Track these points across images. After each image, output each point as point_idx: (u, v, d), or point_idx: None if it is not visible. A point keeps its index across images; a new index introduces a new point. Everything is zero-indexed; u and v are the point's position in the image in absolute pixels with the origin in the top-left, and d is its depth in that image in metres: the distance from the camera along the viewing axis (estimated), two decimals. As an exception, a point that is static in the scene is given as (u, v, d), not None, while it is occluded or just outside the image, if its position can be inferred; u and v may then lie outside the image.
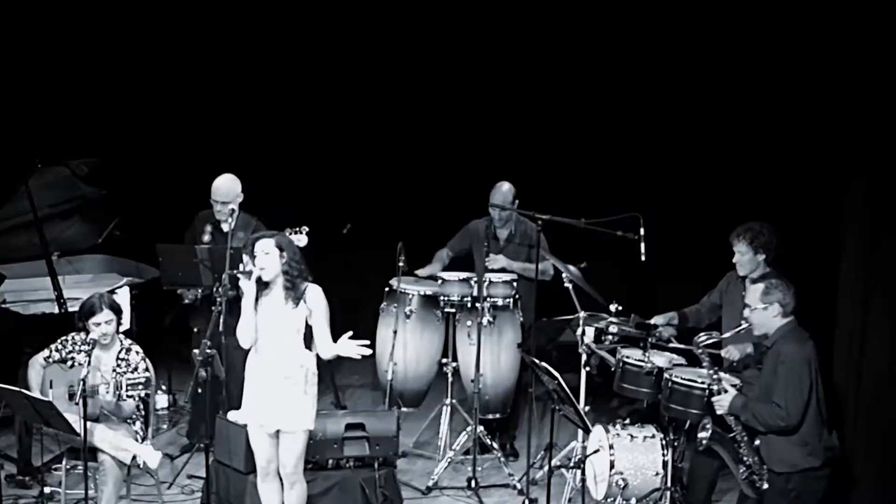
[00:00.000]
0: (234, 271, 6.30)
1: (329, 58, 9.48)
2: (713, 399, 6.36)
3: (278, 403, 6.31)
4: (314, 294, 6.34)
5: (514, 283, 7.93)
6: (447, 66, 9.26)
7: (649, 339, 7.09)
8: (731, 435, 6.32)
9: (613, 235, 7.35)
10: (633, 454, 6.93)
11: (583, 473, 7.04)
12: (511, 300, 7.94)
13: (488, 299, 7.80)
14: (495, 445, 7.91)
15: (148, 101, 9.54)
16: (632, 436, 6.98)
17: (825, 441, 6.33)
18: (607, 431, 6.98)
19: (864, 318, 6.77)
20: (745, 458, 6.30)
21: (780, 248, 6.99)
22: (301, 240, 7.02)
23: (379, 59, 9.39)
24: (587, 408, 7.34)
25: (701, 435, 6.32)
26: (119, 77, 9.49)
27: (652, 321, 7.13)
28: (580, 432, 7.36)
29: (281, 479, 6.48)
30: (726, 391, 6.36)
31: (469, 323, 7.92)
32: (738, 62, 8.33)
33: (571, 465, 7.28)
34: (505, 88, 9.29)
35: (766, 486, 6.25)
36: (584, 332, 7.34)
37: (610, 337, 7.27)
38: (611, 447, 6.91)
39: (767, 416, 6.23)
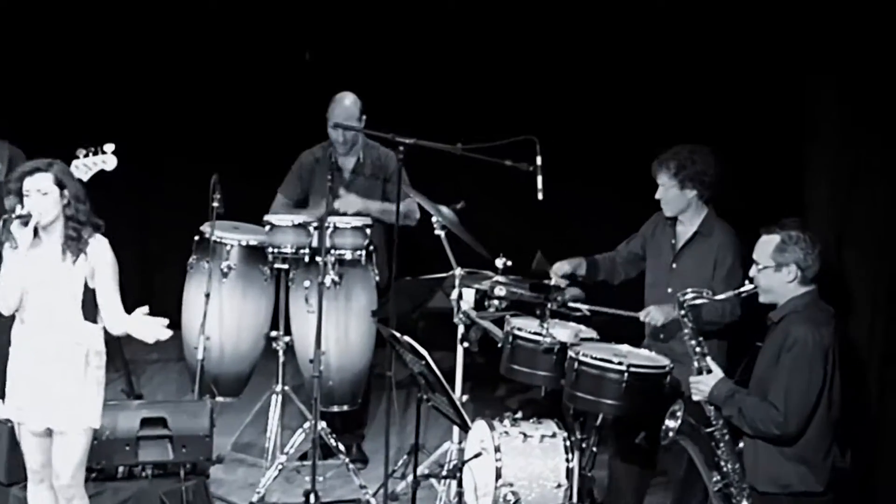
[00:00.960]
0: (7, 216, 6.31)
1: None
2: (691, 380, 6.29)
3: (49, 394, 6.32)
4: (98, 248, 6.34)
5: (368, 231, 7.94)
6: None
7: (549, 304, 6.92)
8: (709, 430, 6.24)
9: (501, 166, 7.32)
10: (526, 459, 6.82)
11: (459, 485, 6.98)
12: (363, 253, 7.92)
13: (333, 252, 7.79)
14: (342, 448, 7.89)
15: None
16: (525, 435, 6.86)
17: (834, 460, 6.16)
18: (492, 429, 6.84)
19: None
20: (722, 464, 6.18)
21: (722, 182, 7.03)
22: (107, 162, 7.01)
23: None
24: (465, 397, 7.37)
25: (668, 424, 6.18)
26: None
27: (553, 270, 7.12)
28: (456, 430, 7.36)
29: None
30: (710, 371, 6.21)
31: (307, 283, 7.87)
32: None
33: (444, 473, 7.22)
34: None
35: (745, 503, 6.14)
36: (460, 296, 7.32)
37: (496, 302, 7.20)
38: (497, 450, 6.79)
39: (758, 418, 6.05)
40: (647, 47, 9.10)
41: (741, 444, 6.24)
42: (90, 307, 6.34)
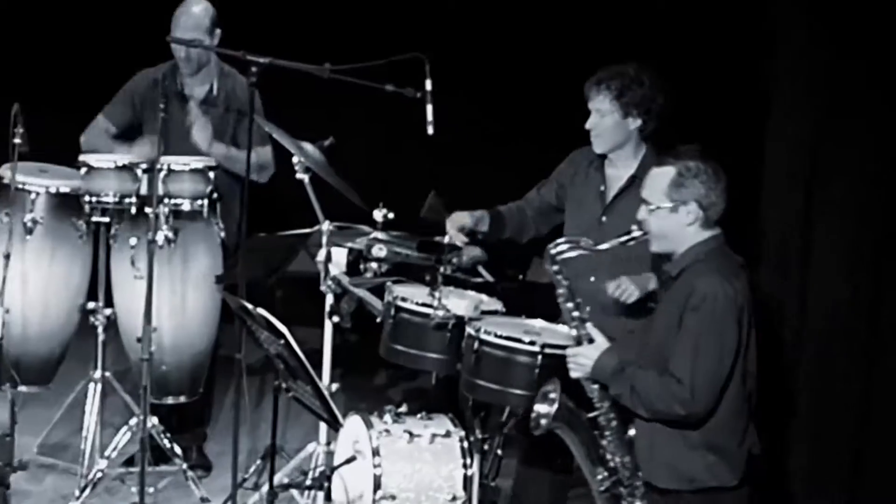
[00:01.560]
0: None
1: None
2: (568, 353, 6.10)
3: None
4: None
5: (212, 175, 7.68)
6: None
7: (442, 268, 6.76)
8: (592, 415, 6.09)
9: (381, 92, 7.09)
10: (413, 465, 6.61)
11: (327, 497, 6.67)
12: (205, 203, 7.66)
13: (167, 201, 7.56)
14: (178, 450, 7.67)
15: None
16: (411, 434, 6.64)
17: (750, 446, 6.07)
18: (370, 426, 6.61)
19: (806, 232, 7.00)
20: (608, 457, 6.06)
21: (669, 115, 6.88)
22: None
23: None
24: (336, 386, 7.29)
25: (540, 409, 6.04)
26: None
27: (449, 223, 6.94)
28: (323, 428, 7.25)
29: None
30: (592, 341, 6.04)
31: (133, 242, 7.60)
32: None
33: (308, 483, 6.89)
34: None
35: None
36: (329, 257, 7.20)
37: (374, 265, 7.04)
38: (375, 453, 6.55)
39: (657, 395, 5.91)
40: None
41: (632, 432, 6.11)
42: None
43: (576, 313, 6.10)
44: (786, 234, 7.19)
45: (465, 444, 6.63)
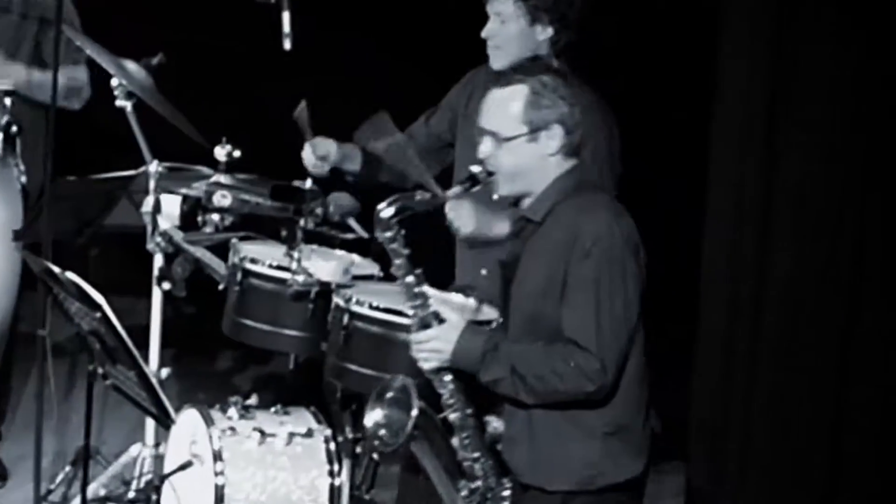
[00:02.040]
0: None
1: None
2: (413, 340, 5.60)
3: None
4: None
5: (8, 102, 7.18)
6: None
7: (303, 221, 6.43)
8: (443, 416, 5.65)
9: None
10: (265, 472, 6.23)
11: None
12: (0, 137, 7.21)
13: None
14: None
15: None
16: (263, 433, 6.26)
17: (652, 423, 5.74)
18: (210, 423, 6.22)
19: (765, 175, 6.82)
20: (467, 465, 5.62)
21: (588, 25, 6.48)
22: None
23: None
24: (166, 371, 6.92)
25: (385, 417, 5.62)
26: None
27: (311, 149, 6.52)
28: (151, 425, 6.95)
29: None
30: (442, 320, 5.58)
31: None
32: None
33: (132, 495, 6.72)
34: None
35: None
36: (158, 207, 6.81)
37: (216, 217, 6.64)
38: (218, 458, 6.16)
39: (558, 376, 5.43)
40: None
41: (496, 424, 5.68)
42: None
43: (417, 289, 5.68)
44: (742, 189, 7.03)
45: (332, 446, 6.31)
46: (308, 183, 6.51)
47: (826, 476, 6.82)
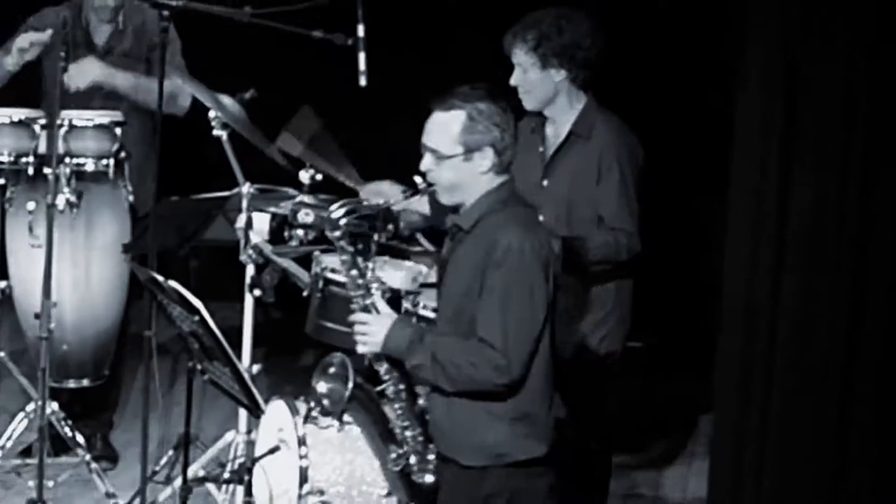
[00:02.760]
0: None
1: None
2: (353, 322, 5.89)
3: None
4: None
5: (118, 131, 7.45)
6: None
7: (377, 236, 6.56)
8: (380, 389, 5.96)
9: (307, 39, 6.91)
10: (344, 456, 6.23)
11: (248, 492, 6.35)
12: (111, 162, 7.43)
13: (68, 160, 7.34)
14: (80, 440, 7.43)
15: None
16: (341, 422, 6.26)
17: (556, 409, 5.97)
18: (296, 413, 6.24)
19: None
20: (397, 433, 5.94)
21: (602, 58, 6.75)
22: None
23: None
24: (257, 367, 7.10)
25: (328, 388, 5.94)
26: None
27: (368, 193, 6.79)
28: (243, 414, 7.09)
29: None
30: (377, 310, 5.91)
31: (31, 206, 7.39)
32: None
33: (226, 476, 6.49)
34: None
35: (429, 479, 5.87)
36: (250, 224, 7.01)
37: (300, 232, 6.81)
38: (302, 443, 6.19)
39: (467, 364, 5.71)
40: None
41: (422, 402, 5.99)
42: None
43: (360, 280, 5.95)
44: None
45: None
46: (380, 201, 6.52)
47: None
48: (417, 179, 5.90)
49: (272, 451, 6.23)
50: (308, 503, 6.24)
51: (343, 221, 5.92)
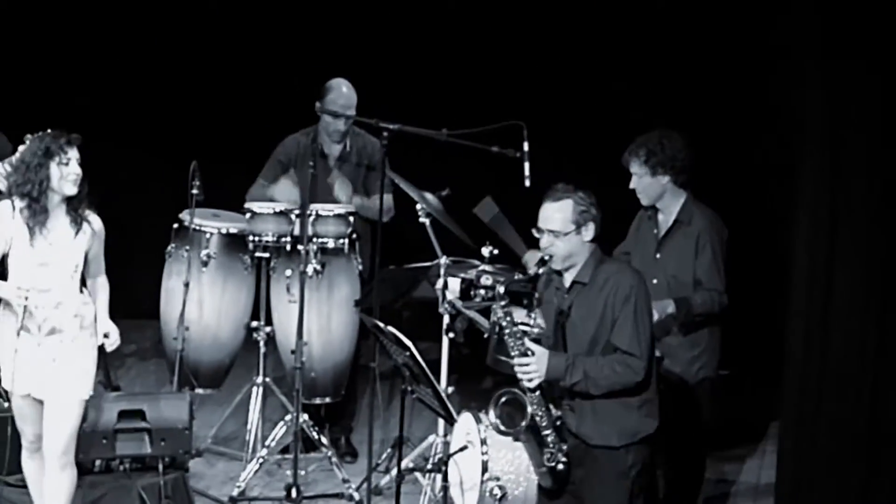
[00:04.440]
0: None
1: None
2: (517, 364, 6.24)
3: (46, 364, 6.50)
4: (96, 223, 6.60)
5: (351, 219, 7.91)
6: None
7: (537, 294, 6.74)
8: (531, 412, 6.30)
9: (487, 152, 7.23)
10: (514, 453, 6.68)
11: (444, 479, 6.81)
12: (346, 241, 7.88)
13: (315, 240, 7.77)
14: (325, 441, 7.89)
15: None
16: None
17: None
18: (478, 422, 6.75)
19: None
20: (546, 438, 6.27)
21: (694, 164, 7.08)
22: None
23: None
24: (451, 389, 7.43)
25: (500, 417, 6.23)
26: None
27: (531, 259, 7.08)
28: (441, 423, 7.38)
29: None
30: (531, 352, 6.23)
31: (288, 272, 7.85)
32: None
33: (429, 467, 7.29)
34: None
35: (561, 466, 6.25)
36: (446, 285, 7.37)
37: (482, 292, 7.31)
38: (483, 443, 6.70)
39: (615, 373, 6.18)
40: (633, 33, 9.15)
41: (557, 413, 6.29)
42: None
43: (519, 335, 6.27)
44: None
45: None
46: (540, 270, 6.53)
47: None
48: (543, 242, 6.21)
49: (462, 449, 6.73)
50: (488, 487, 6.61)
51: (503, 302, 6.25)
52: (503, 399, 6.29)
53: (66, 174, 6.38)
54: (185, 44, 9.80)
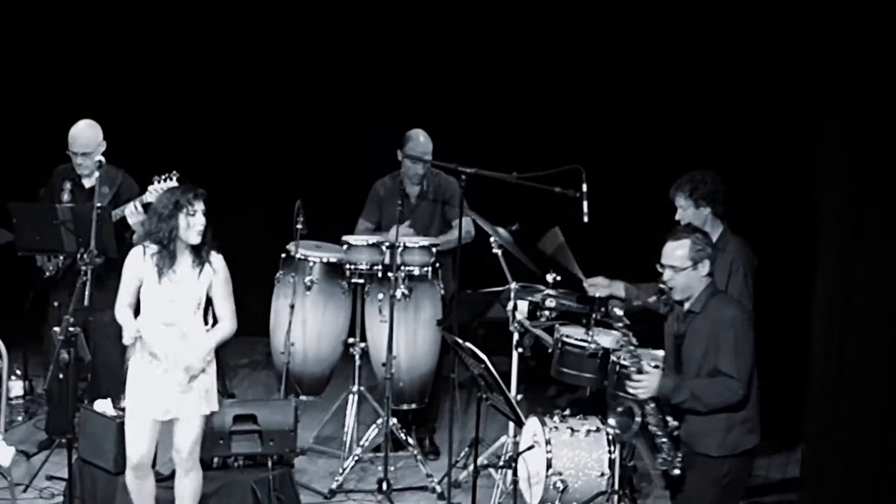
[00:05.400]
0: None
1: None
2: (631, 382, 6.33)
3: (175, 388, 6.56)
4: (217, 263, 6.62)
5: (434, 249, 7.93)
6: (342, 10, 9.61)
7: (594, 315, 7.03)
8: (644, 419, 6.38)
9: (551, 192, 7.26)
10: (574, 451, 6.81)
11: (514, 474, 6.98)
12: (430, 269, 7.92)
13: (403, 268, 7.81)
14: (411, 441, 7.95)
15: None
16: (573, 430, 6.87)
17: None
18: (543, 424, 6.85)
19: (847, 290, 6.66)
20: (661, 444, 6.32)
21: (730, 198, 7.08)
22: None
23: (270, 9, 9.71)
24: (520, 396, 7.38)
25: (623, 421, 6.32)
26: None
27: (589, 284, 7.10)
28: (511, 425, 7.38)
29: (172, 472, 6.75)
30: (646, 372, 6.34)
31: (380, 296, 7.90)
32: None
33: (501, 464, 7.23)
34: (408, 20, 9.52)
35: (677, 472, 6.28)
36: (515, 307, 7.38)
37: (547, 312, 7.32)
38: (547, 443, 6.79)
39: (716, 393, 6.24)
40: (685, 84, 9.10)
41: (674, 423, 6.32)
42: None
43: (635, 359, 6.38)
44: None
45: (610, 437, 6.76)
46: (598, 293, 7.06)
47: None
48: (662, 286, 6.31)
49: (529, 448, 6.82)
50: (551, 480, 6.70)
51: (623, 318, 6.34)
52: (619, 409, 6.39)
53: (192, 225, 6.45)
54: (289, 101, 9.80)
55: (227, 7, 9.67)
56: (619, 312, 6.51)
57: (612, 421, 6.43)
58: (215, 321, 6.63)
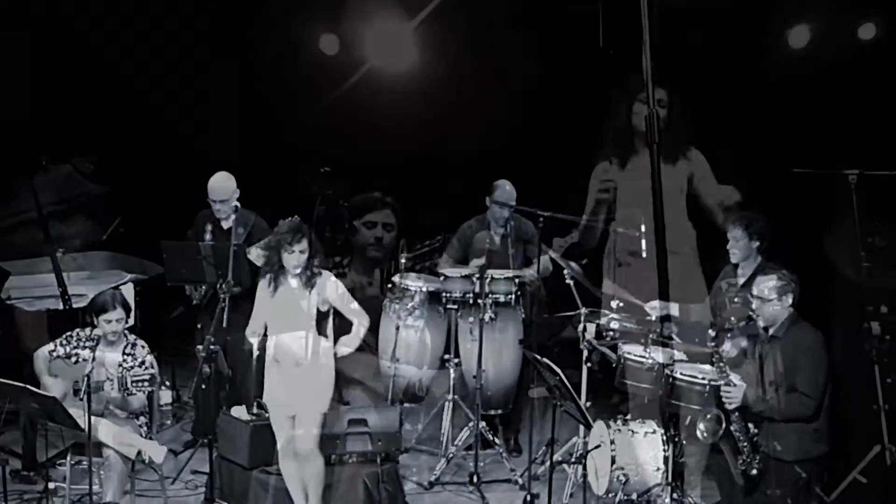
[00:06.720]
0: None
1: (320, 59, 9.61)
2: (724, 393, 6.38)
3: (298, 391, 6.63)
4: (326, 277, 6.70)
5: (517, 280, 7.98)
6: (431, 60, 9.35)
7: (650, 335, 7.13)
8: (728, 426, 6.40)
9: (615, 232, 7.52)
10: (634, 450, 6.90)
11: (584, 469, 7.02)
12: (513, 297, 7.97)
13: (490, 296, 7.86)
14: (497, 441, 7.95)
15: (150, 99, 9.59)
16: (633, 431, 6.95)
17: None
18: (608, 427, 6.95)
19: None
20: (742, 448, 6.35)
21: (775, 240, 7.07)
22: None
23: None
24: (588, 403, 7.35)
25: (713, 426, 6.30)
26: (122, 74, 9.55)
27: (649, 306, 7.15)
28: (581, 428, 7.39)
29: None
30: (735, 385, 6.39)
31: (471, 319, 7.95)
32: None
33: (573, 460, 7.28)
34: (493, 84, 9.35)
35: (754, 472, 6.29)
36: (585, 329, 7.38)
37: (611, 333, 7.34)
38: (612, 443, 6.88)
39: (791, 407, 6.31)
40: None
41: (754, 429, 6.36)
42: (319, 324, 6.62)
43: (721, 365, 6.49)
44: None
45: (664, 437, 6.85)
46: (655, 314, 7.15)
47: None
48: (755, 305, 6.35)
49: (596, 447, 6.91)
50: (615, 474, 6.77)
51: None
52: (708, 416, 6.40)
53: (289, 260, 6.65)
54: (388, 166, 9.70)
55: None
56: (675, 330, 6.77)
57: (701, 425, 6.39)
58: (338, 332, 6.70)
